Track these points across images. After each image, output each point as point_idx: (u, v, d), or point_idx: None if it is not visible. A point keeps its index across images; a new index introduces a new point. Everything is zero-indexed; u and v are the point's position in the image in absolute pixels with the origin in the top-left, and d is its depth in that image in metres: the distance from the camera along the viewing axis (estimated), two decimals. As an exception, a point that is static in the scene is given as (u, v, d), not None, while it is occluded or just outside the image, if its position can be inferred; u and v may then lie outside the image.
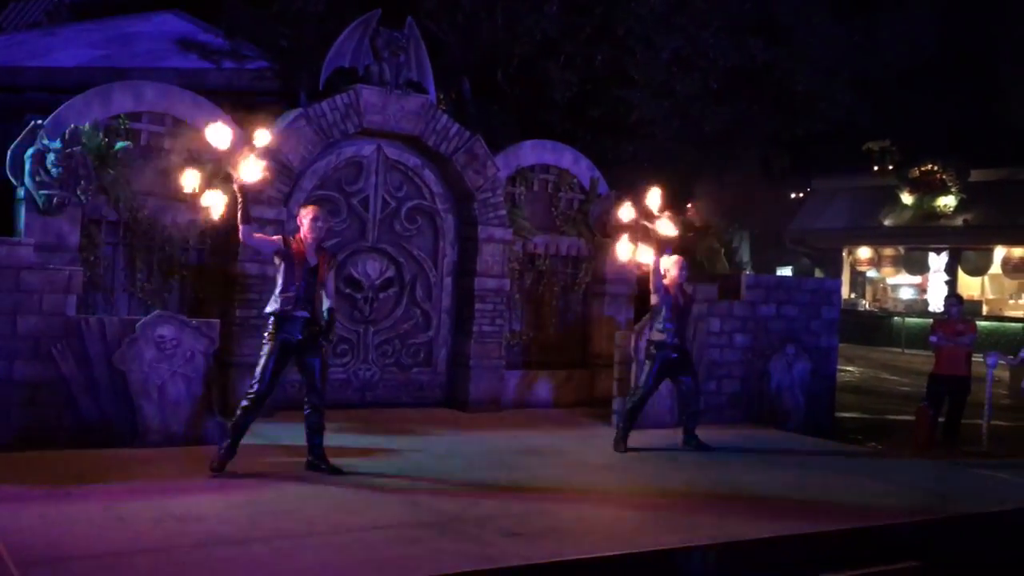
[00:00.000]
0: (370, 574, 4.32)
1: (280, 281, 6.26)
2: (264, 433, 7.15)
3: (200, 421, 7.03)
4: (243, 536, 4.81)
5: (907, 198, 27.20)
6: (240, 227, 6.32)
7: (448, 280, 9.73)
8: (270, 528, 4.98)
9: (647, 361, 7.98)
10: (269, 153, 8.22)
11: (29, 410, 6.57)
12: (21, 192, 7.32)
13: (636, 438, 7.89)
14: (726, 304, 9.74)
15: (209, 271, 8.35)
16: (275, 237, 6.59)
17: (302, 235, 6.36)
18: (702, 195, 16.07)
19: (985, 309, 26.42)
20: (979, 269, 27.24)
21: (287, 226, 7.95)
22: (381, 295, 9.31)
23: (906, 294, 29.87)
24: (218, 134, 6.29)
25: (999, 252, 26.57)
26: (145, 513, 5.11)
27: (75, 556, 4.35)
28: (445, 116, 9.38)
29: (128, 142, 7.85)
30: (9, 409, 6.52)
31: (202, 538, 4.73)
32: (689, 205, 7.52)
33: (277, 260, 6.32)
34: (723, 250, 12.17)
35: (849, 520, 5.83)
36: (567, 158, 10.47)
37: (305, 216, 6.41)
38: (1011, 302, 27.51)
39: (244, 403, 6.19)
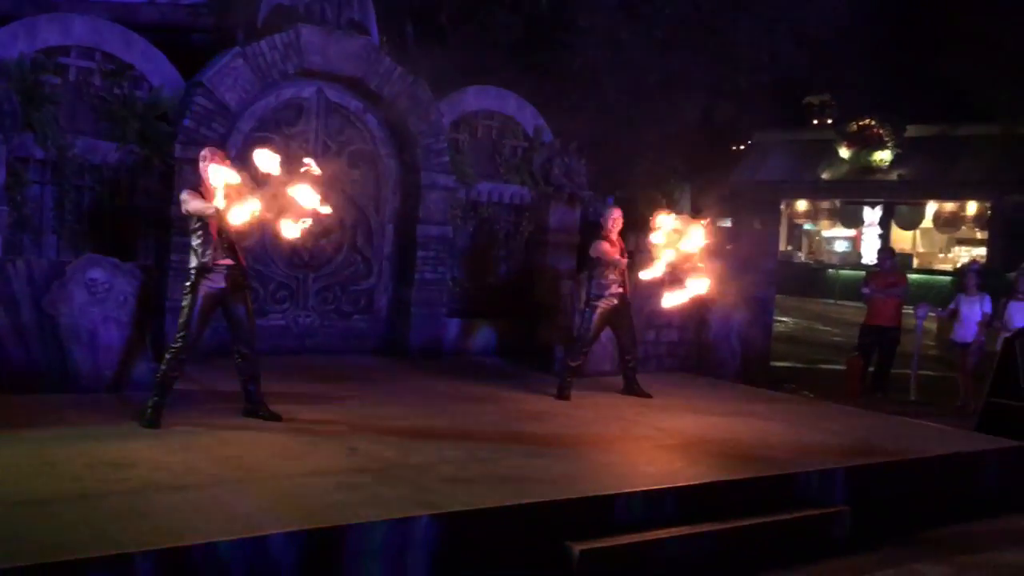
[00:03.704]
0: (309, 520, 4.29)
1: (196, 233, 6.01)
2: (200, 379, 7.03)
3: (133, 366, 6.88)
4: (179, 483, 4.73)
5: (844, 152, 27.64)
6: (199, 201, 5.93)
7: (390, 227, 9.61)
8: (207, 474, 4.91)
9: (588, 310, 8.02)
10: (211, 97, 8.00)
11: (-47, 354, 6.36)
12: (-58, 128, 7.00)
13: (577, 386, 7.95)
14: (667, 254, 9.78)
15: (143, 213, 8.11)
16: (204, 202, 5.96)
17: (204, 180, 6.03)
18: (644, 147, 16.09)
19: (916, 262, 27.13)
20: (912, 223, 27.91)
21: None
22: (321, 241, 9.16)
23: (841, 247, 30.49)
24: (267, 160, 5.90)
25: (931, 207, 27.21)
26: (77, 459, 5.00)
27: (4, 502, 4.24)
28: (388, 59, 9.19)
29: (56, 77, 7.55)
30: (-68, 353, 6.30)
31: (137, 485, 4.65)
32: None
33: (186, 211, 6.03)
34: (664, 202, 12.25)
35: (782, 466, 5.96)
36: (511, 105, 10.37)
37: (202, 161, 6.07)
38: (941, 256, 28.29)
39: (169, 356, 6.03)
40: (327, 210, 6.07)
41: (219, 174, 5.91)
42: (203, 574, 3.89)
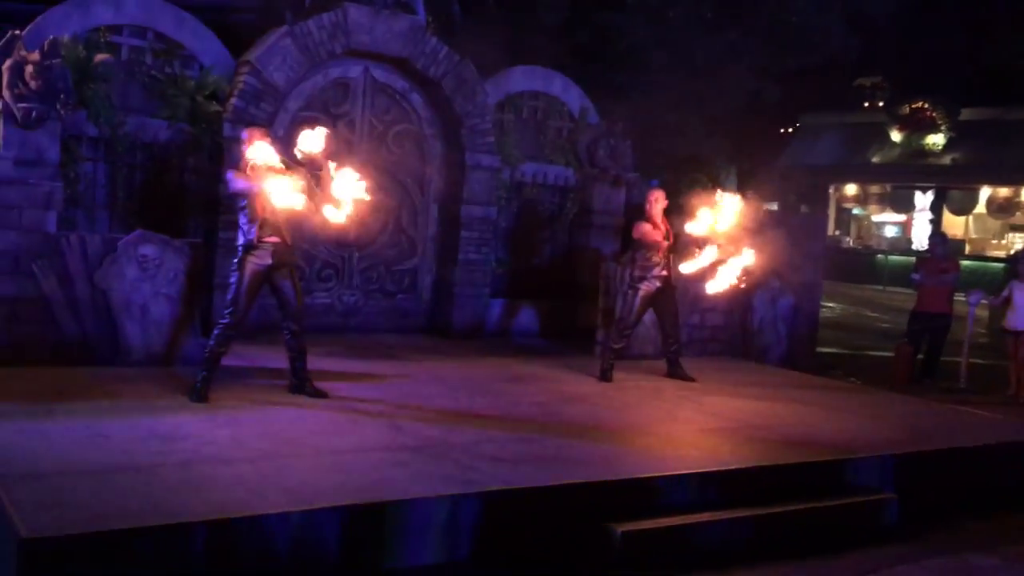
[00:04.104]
0: (353, 495, 4.34)
1: (243, 211, 6.10)
2: (247, 355, 7.13)
3: (182, 341, 7.00)
4: (227, 456, 4.81)
5: (896, 135, 27.11)
6: (244, 180, 6.02)
7: (434, 207, 9.64)
8: (254, 449, 4.98)
9: (630, 292, 7.98)
10: (260, 76, 8.07)
11: (10, 327, 6.52)
12: (-1, 104, 7.13)
13: (619, 368, 7.93)
14: (712, 237, 9.70)
15: (192, 191, 8.22)
16: (249, 182, 6.05)
17: (247, 160, 6.10)
18: (690, 129, 15.92)
19: (968, 248, 26.57)
20: (964, 208, 27.31)
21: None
22: (366, 220, 9.20)
23: (890, 232, 29.97)
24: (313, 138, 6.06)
25: (984, 192, 26.61)
26: (128, 431, 5.11)
27: (58, 472, 4.34)
28: (434, 38, 9.18)
29: (108, 56, 7.65)
30: (-11, 325, 6.47)
31: (186, 457, 4.74)
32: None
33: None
34: (709, 184, 12.11)
35: (828, 452, 5.90)
36: (557, 85, 10.31)
37: (247, 142, 6.14)
38: (994, 242, 27.66)
39: (217, 332, 6.12)
40: (366, 196, 6.08)
41: (259, 153, 5.96)
42: (250, 546, 3.96)
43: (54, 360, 6.57)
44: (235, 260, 6.16)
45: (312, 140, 6.05)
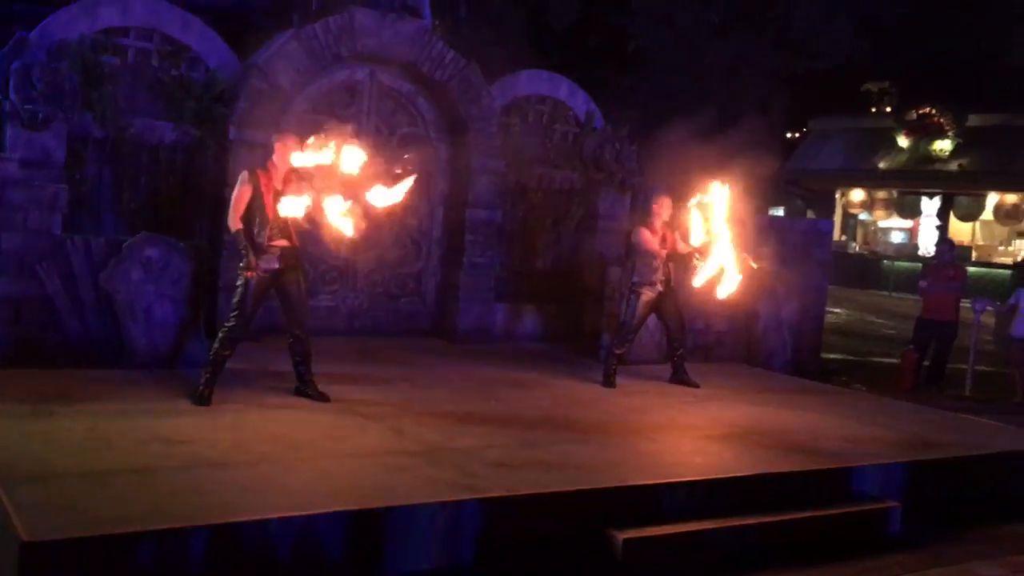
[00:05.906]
0: (355, 500, 4.33)
1: (254, 213, 6.08)
2: (252, 357, 7.12)
3: (186, 343, 7.00)
4: (228, 459, 4.81)
5: (903, 141, 27.05)
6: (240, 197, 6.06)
7: (439, 210, 9.63)
8: (256, 452, 4.98)
9: (632, 296, 7.95)
10: (266, 79, 8.08)
11: (14, 328, 6.53)
12: (6, 106, 7.14)
13: (623, 373, 7.91)
14: (718, 242, 9.67)
15: (197, 193, 8.22)
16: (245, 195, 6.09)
17: (274, 161, 6.11)
18: (698, 134, 15.88)
19: (975, 255, 26.50)
20: (971, 215, 27.23)
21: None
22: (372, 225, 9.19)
23: (896, 238, 29.89)
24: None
25: (992, 198, 26.52)
26: (131, 434, 5.10)
27: (61, 474, 4.34)
28: (440, 42, 9.18)
29: (115, 58, 7.66)
30: (-6, 326, 6.48)
31: (188, 460, 4.73)
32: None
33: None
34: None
35: (832, 460, 5.88)
36: (563, 90, 10.30)
37: (277, 143, 6.14)
38: (1001, 249, 27.58)
39: (221, 335, 6.11)
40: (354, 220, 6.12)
41: (301, 161, 5.95)
42: (252, 550, 3.95)
43: (58, 362, 6.58)
44: (241, 263, 6.16)
45: (320, 156, 6.01)
